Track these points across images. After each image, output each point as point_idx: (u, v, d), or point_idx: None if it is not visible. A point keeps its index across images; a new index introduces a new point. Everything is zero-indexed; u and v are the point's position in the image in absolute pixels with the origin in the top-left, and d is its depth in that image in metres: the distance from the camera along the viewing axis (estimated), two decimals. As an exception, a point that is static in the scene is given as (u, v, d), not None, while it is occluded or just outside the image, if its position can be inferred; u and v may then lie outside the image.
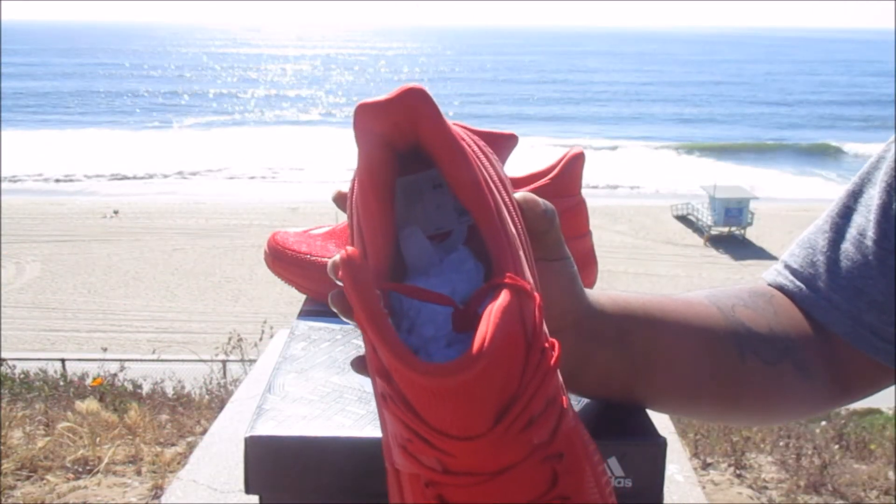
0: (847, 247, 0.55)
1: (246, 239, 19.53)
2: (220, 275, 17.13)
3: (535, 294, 0.33)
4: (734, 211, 22.55)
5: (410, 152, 0.37)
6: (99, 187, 26.94)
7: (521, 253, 0.36)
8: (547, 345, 0.33)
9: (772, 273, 0.60)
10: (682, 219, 23.90)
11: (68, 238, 19.65)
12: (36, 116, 44.09)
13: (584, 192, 0.70)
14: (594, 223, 0.69)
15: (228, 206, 23.52)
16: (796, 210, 23.89)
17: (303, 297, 0.76)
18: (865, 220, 0.54)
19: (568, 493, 0.34)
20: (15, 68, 68.45)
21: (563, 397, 0.34)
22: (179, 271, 17.37)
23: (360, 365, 0.40)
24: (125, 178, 28.41)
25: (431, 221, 0.40)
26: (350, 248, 0.32)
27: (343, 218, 0.79)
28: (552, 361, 0.32)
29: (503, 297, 0.31)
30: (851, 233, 0.55)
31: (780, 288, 0.58)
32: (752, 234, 22.21)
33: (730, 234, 22.34)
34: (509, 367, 0.30)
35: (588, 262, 0.70)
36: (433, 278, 0.37)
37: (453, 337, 0.34)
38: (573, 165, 0.68)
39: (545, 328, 0.33)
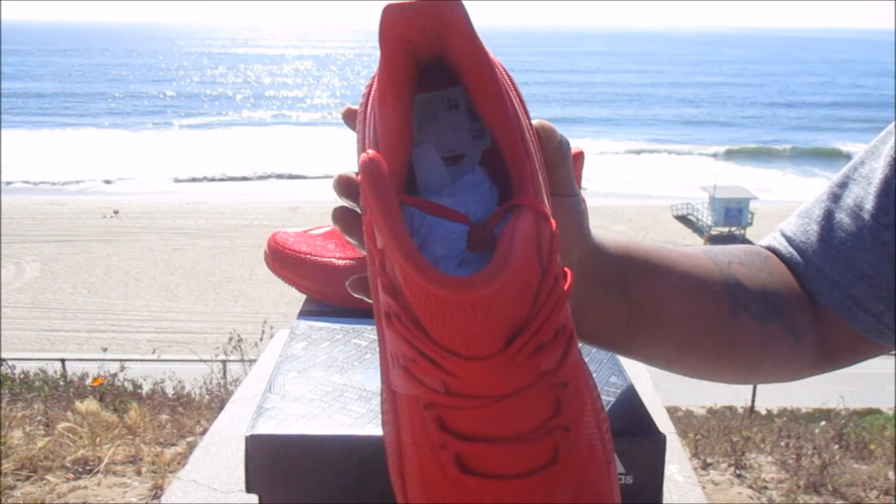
0: (842, 217, 0.55)
1: (246, 239, 19.53)
2: (220, 275, 17.13)
3: (552, 220, 0.32)
4: (734, 211, 22.56)
5: (431, 65, 0.36)
6: (99, 187, 26.94)
7: (541, 177, 0.36)
8: (560, 272, 0.32)
9: (768, 238, 0.60)
10: (682, 219, 23.90)
11: (68, 238, 19.65)
12: (35, 117, 44.08)
13: (583, 192, 0.69)
14: (594, 223, 0.68)
15: (228, 206, 23.52)
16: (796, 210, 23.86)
17: (303, 296, 0.76)
18: (864, 191, 0.54)
19: (569, 423, 0.33)
20: (14, 68, 68.46)
21: (572, 327, 0.33)
22: (179, 271, 17.37)
23: (359, 285, 0.40)
24: (125, 177, 28.41)
25: (444, 143, 0.39)
26: (371, 151, 0.31)
27: None
28: (565, 288, 0.32)
29: (525, 216, 0.30)
30: (848, 203, 0.55)
31: (774, 251, 0.58)
32: (752, 234, 22.20)
33: (730, 234, 22.35)
34: (524, 290, 0.30)
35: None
36: (446, 198, 0.36)
37: (465, 257, 0.34)
38: (573, 165, 0.68)
39: (558, 257, 0.33)
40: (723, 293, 0.52)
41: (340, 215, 0.38)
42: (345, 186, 0.37)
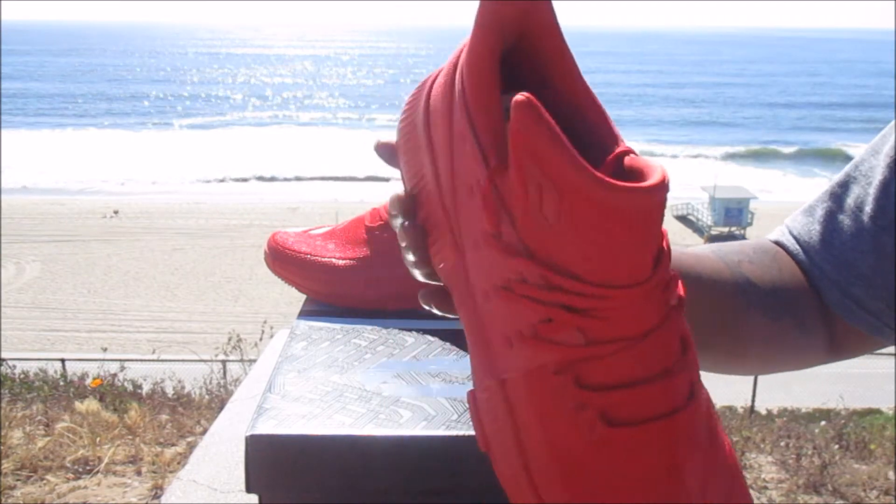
0: (843, 218, 0.56)
1: (246, 239, 19.53)
2: (220, 275, 17.14)
3: None
4: (734, 211, 22.58)
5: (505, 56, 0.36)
6: (99, 187, 26.95)
7: None
8: None
9: (776, 233, 0.61)
10: (682, 219, 23.91)
11: (68, 238, 19.66)
12: (35, 117, 44.10)
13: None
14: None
15: (228, 206, 23.53)
16: (796, 210, 23.87)
17: (303, 296, 0.76)
18: (864, 192, 0.55)
19: (692, 366, 0.34)
20: (14, 68, 68.48)
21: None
22: (179, 271, 17.38)
23: (431, 295, 0.41)
24: (125, 177, 28.42)
25: None
26: (523, 93, 0.30)
27: (343, 219, 0.79)
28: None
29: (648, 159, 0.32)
30: (848, 204, 0.56)
31: (783, 247, 0.59)
32: (752, 234, 22.21)
33: (730, 234, 22.35)
34: (662, 211, 0.31)
35: None
36: None
37: None
38: None
39: None
40: (735, 294, 0.53)
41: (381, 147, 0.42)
42: (386, 152, 0.41)
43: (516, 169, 0.31)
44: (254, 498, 0.53)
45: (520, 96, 0.30)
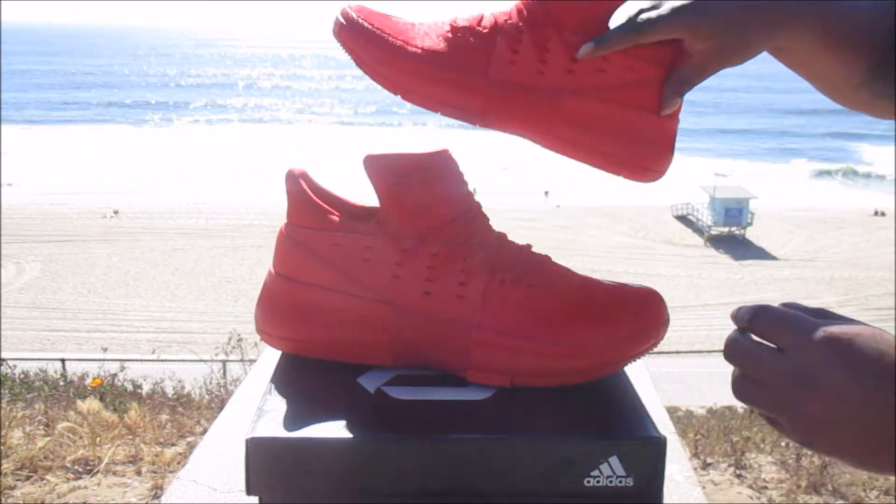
0: None
1: (246, 239, 19.53)
2: (220, 275, 17.13)
3: None
4: (734, 211, 22.55)
5: None
6: (99, 187, 26.94)
7: None
8: None
9: None
10: (682, 219, 23.90)
11: (68, 238, 19.65)
12: (35, 117, 44.08)
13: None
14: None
15: (228, 206, 23.52)
16: (796, 210, 23.90)
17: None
18: None
19: None
20: (14, 68, 68.45)
21: None
22: (179, 271, 17.37)
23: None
24: (125, 177, 28.40)
25: None
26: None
27: None
28: None
29: None
30: None
31: None
32: (752, 234, 22.20)
33: (730, 234, 22.34)
34: None
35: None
36: None
37: None
38: None
39: None
40: (862, 74, 0.57)
41: None
42: None
43: None
44: (254, 499, 0.53)
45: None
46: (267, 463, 0.51)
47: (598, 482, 0.52)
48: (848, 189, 30.89)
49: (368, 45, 0.58)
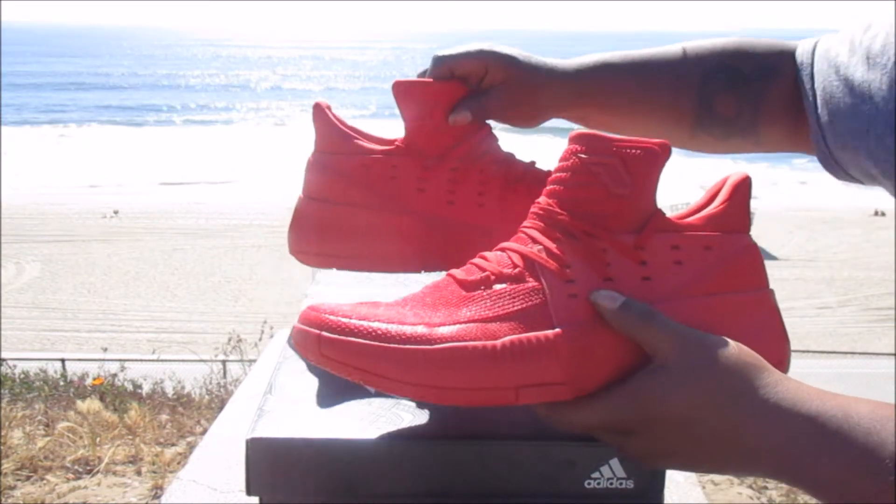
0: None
1: (246, 239, 19.52)
2: (220, 275, 17.12)
3: None
4: (734, 211, 22.54)
5: None
6: (99, 187, 26.94)
7: None
8: None
9: (807, 53, 0.65)
10: (682, 219, 23.89)
11: (68, 238, 19.64)
12: (35, 116, 44.09)
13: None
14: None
15: (228, 206, 23.51)
16: (796, 210, 23.90)
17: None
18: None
19: None
20: (14, 69, 68.46)
21: None
22: (179, 271, 17.36)
23: None
24: (125, 177, 28.41)
25: None
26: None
27: None
28: None
29: None
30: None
31: (799, 69, 0.65)
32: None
33: (730, 234, 22.32)
34: None
35: (776, 334, 0.52)
36: None
37: None
38: (739, 195, 0.55)
39: None
40: (688, 117, 0.67)
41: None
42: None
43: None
44: (254, 499, 0.53)
45: None
46: (267, 464, 0.51)
47: (598, 484, 0.52)
48: (848, 189, 30.91)
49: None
